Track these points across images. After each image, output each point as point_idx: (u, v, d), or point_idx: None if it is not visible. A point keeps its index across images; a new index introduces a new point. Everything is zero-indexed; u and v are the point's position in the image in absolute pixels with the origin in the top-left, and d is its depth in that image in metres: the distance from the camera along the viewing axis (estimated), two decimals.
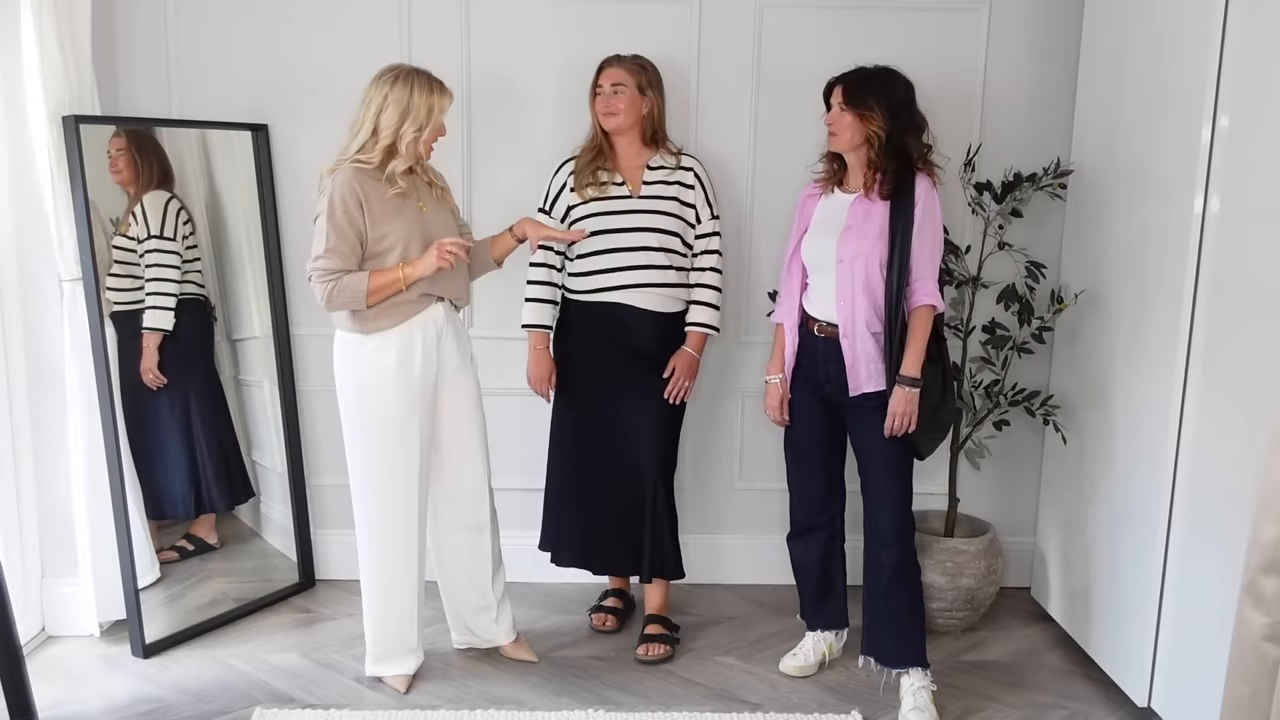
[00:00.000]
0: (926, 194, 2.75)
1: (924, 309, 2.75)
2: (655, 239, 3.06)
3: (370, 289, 2.67)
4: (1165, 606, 2.72)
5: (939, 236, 2.80)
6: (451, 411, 2.90)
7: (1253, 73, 2.42)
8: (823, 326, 2.85)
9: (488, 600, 3.05)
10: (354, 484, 2.86)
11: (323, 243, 2.67)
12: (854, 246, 2.77)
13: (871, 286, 2.76)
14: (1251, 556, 1.94)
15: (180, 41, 3.34)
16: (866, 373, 2.79)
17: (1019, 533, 3.63)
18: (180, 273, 3.26)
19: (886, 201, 2.76)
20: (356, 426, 2.80)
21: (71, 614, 3.17)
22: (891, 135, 2.74)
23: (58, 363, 3.06)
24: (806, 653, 3.09)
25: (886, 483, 2.84)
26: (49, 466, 3.13)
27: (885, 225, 2.75)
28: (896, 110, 2.74)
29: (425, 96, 2.68)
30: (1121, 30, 3.02)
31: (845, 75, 2.82)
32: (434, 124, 2.71)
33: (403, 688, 2.92)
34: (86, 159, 2.94)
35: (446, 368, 2.86)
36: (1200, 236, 2.58)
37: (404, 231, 2.72)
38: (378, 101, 2.69)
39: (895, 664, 2.88)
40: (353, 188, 2.66)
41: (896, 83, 2.78)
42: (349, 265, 2.68)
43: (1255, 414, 2.31)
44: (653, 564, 3.14)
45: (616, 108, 3.03)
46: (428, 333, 2.78)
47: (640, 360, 3.10)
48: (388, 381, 2.74)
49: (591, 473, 3.17)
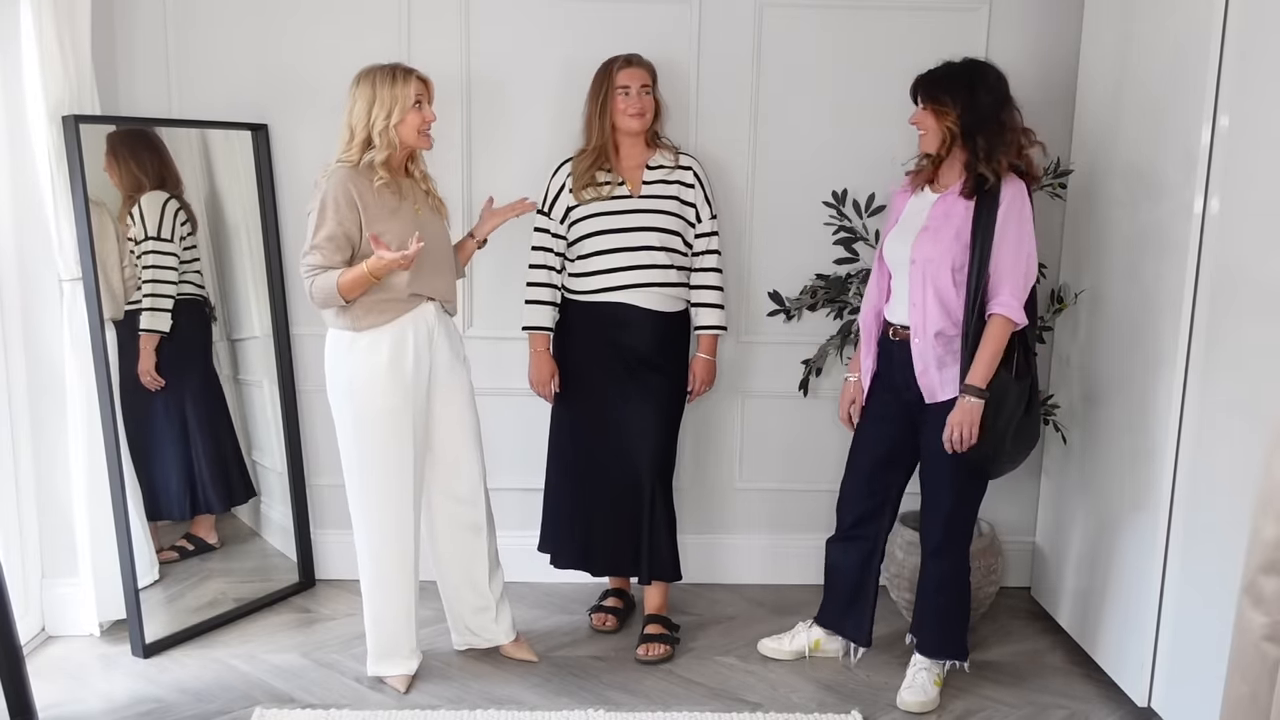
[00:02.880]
0: (1014, 198, 2.62)
1: (998, 319, 2.62)
2: (657, 238, 3.06)
3: (340, 284, 2.67)
4: (1165, 606, 2.72)
5: (1025, 245, 2.64)
6: (445, 412, 2.90)
7: (1253, 73, 2.42)
8: (897, 330, 2.80)
9: (486, 600, 3.05)
10: (348, 482, 2.86)
11: (309, 239, 2.72)
12: (928, 248, 2.69)
13: (943, 291, 2.67)
14: (1251, 556, 1.94)
15: (180, 41, 3.34)
16: (940, 380, 2.72)
17: (1019, 532, 3.63)
18: (177, 274, 3.26)
19: (970, 202, 2.66)
20: (349, 424, 2.80)
21: (71, 614, 3.17)
22: (969, 131, 2.64)
23: (57, 363, 3.06)
24: (789, 638, 3.10)
25: (939, 491, 2.81)
26: (49, 466, 3.13)
27: (964, 228, 2.65)
28: (976, 105, 2.63)
29: (388, 85, 2.72)
30: (1121, 30, 3.02)
31: (929, 70, 2.73)
32: (401, 107, 2.71)
33: (403, 687, 2.92)
34: (86, 159, 2.94)
35: (439, 367, 2.86)
36: (1200, 236, 2.58)
37: (399, 231, 2.72)
38: (349, 104, 2.76)
39: (931, 653, 2.91)
40: (345, 187, 2.70)
41: (980, 76, 2.66)
42: (331, 262, 2.70)
43: (1255, 414, 2.31)
44: (651, 565, 3.14)
45: (646, 108, 3.04)
46: (419, 331, 2.79)
47: (640, 361, 3.10)
48: (379, 378, 2.74)
49: (591, 473, 3.17)
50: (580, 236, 3.08)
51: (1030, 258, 2.67)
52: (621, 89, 3.02)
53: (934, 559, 2.89)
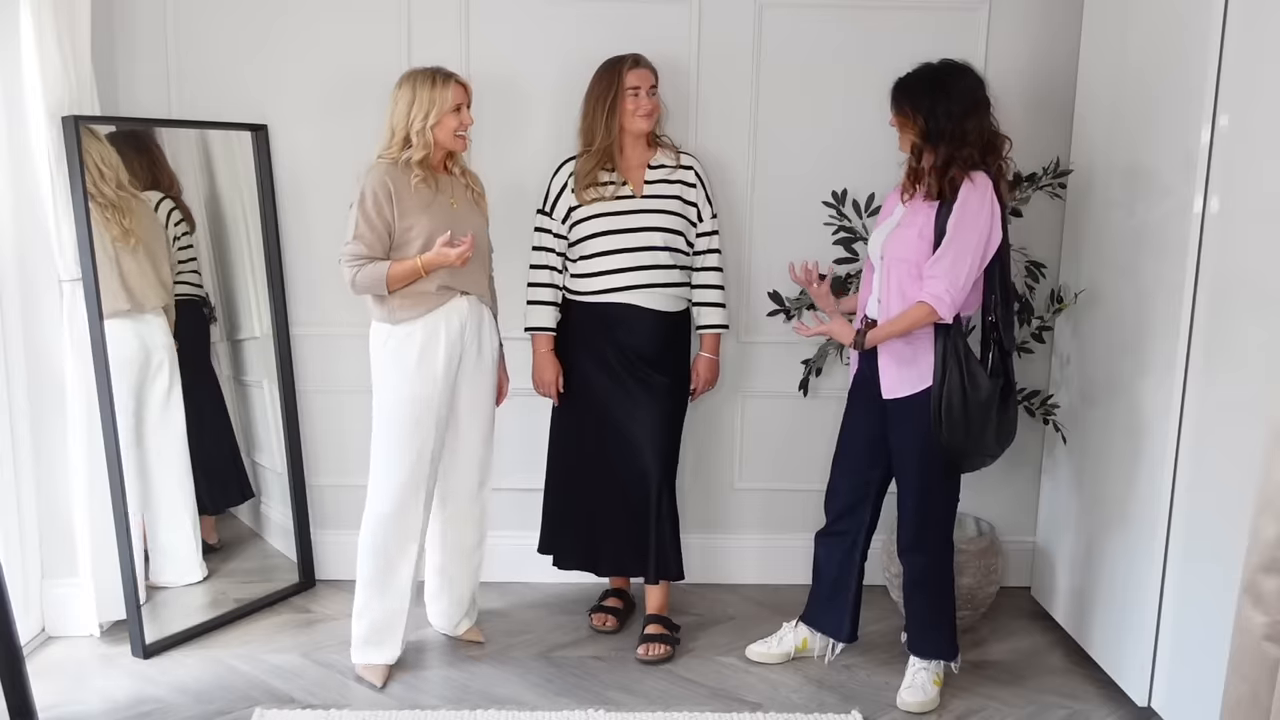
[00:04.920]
0: (967, 197, 2.62)
1: (922, 305, 2.65)
2: (661, 238, 3.06)
3: (390, 275, 2.79)
4: (1165, 606, 2.72)
5: (967, 244, 2.63)
6: (468, 404, 2.98)
7: (1252, 73, 2.42)
8: (868, 321, 2.84)
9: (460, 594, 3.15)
10: (373, 464, 2.91)
11: (351, 229, 2.82)
12: (895, 246, 2.74)
13: (906, 289, 2.71)
14: (1251, 555, 1.94)
15: (180, 41, 3.34)
16: (899, 376, 2.76)
17: (1019, 532, 3.63)
18: (174, 274, 3.26)
19: (934, 204, 2.68)
20: (384, 408, 2.89)
21: (71, 614, 3.17)
22: (929, 140, 2.66)
23: (57, 363, 3.06)
24: (776, 641, 3.11)
25: (909, 488, 2.84)
26: (49, 466, 3.13)
27: (926, 227, 2.68)
28: (935, 116, 2.63)
29: (426, 88, 2.81)
30: (1121, 30, 3.02)
31: (903, 75, 2.73)
32: (439, 110, 2.80)
33: (380, 681, 2.94)
34: (86, 159, 2.94)
35: (468, 359, 2.93)
36: (1200, 236, 2.58)
37: (430, 225, 2.81)
38: (390, 105, 2.85)
39: (920, 654, 2.91)
40: (383, 180, 2.80)
41: (945, 86, 2.65)
42: (374, 253, 2.81)
43: (1255, 413, 2.31)
44: (657, 565, 3.14)
45: (655, 109, 3.05)
46: (451, 324, 2.88)
47: (642, 361, 3.10)
48: (411, 367, 2.84)
49: (594, 474, 3.17)
50: (583, 237, 3.08)
51: (974, 257, 2.65)
52: (632, 90, 3.02)
53: (908, 556, 2.90)
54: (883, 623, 3.31)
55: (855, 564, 3.02)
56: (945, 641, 2.92)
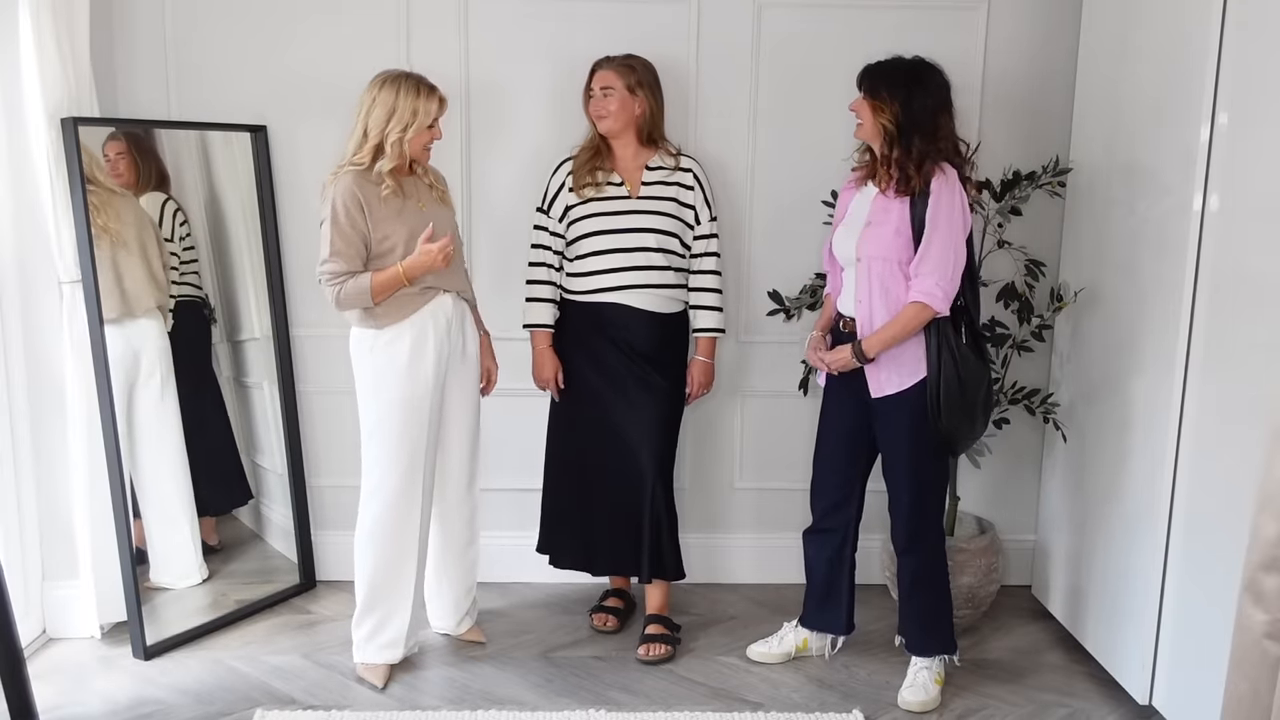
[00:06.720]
0: (939, 190, 2.67)
1: (916, 304, 2.68)
2: (654, 239, 3.06)
3: (374, 287, 2.75)
4: (1166, 604, 2.72)
5: (951, 235, 2.68)
6: (454, 401, 2.97)
7: (1252, 72, 2.42)
8: (847, 322, 2.84)
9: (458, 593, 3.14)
10: (365, 467, 2.90)
11: (328, 247, 2.76)
12: (873, 245, 2.74)
13: (889, 286, 2.72)
14: (1252, 554, 1.94)
15: (179, 42, 3.34)
16: (885, 374, 2.77)
17: (1019, 531, 3.63)
18: (177, 274, 3.26)
19: (905, 199, 2.71)
20: (372, 412, 2.87)
21: (72, 616, 3.17)
22: (904, 130, 2.68)
23: (57, 364, 3.06)
24: (777, 640, 3.12)
25: (899, 485, 2.86)
26: (49, 468, 3.13)
27: (902, 224, 2.70)
28: (911, 106, 2.66)
29: (411, 98, 2.75)
30: (1121, 29, 3.02)
31: (876, 62, 2.76)
32: (419, 124, 2.76)
33: (381, 681, 2.93)
34: (85, 161, 2.94)
35: (454, 356, 2.93)
36: (1200, 235, 2.58)
37: (405, 231, 2.79)
38: (367, 103, 2.78)
39: (919, 652, 2.92)
40: (353, 192, 2.74)
41: (921, 79, 2.69)
42: (354, 267, 2.77)
43: (1255, 412, 2.31)
44: (653, 565, 3.14)
45: (607, 110, 3.04)
46: (438, 322, 2.86)
47: (638, 360, 3.10)
48: (402, 369, 2.82)
49: (591, 474, 3.17)
50: (578, 236, 3.08)
51: (959, 248, 2.70)
52: (590, 91, 3.06)
53: (905, 556, 2.92)
54: (883, 622, 3.31)
55: (846, 559, 3.04)
56: (945, 635, 2.93)
